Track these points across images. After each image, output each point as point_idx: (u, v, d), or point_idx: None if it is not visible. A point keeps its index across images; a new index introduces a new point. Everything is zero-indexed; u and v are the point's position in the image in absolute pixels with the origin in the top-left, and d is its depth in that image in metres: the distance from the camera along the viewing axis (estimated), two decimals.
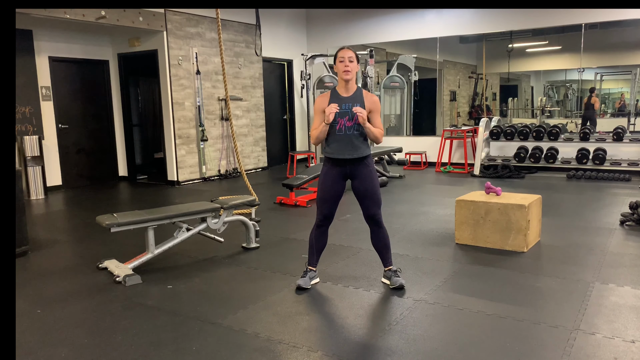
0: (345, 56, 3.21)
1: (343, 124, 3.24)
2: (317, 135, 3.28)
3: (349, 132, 3.25)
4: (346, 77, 3.22)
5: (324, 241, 3.46)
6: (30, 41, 7.23)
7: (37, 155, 7.15)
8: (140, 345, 2.71)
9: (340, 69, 3.23)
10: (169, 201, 6.86)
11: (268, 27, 9.40)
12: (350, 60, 3.21)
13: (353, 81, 3.28)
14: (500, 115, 10.00)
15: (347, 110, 3.23)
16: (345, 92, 3.28)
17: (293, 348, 2.64)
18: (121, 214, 3.86)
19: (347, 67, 3.20)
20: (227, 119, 8.76)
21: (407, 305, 3.14)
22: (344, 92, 3.28)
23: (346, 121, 3.24)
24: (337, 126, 3.25)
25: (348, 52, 3.23)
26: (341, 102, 3.24)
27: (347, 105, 3.24)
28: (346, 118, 3.24)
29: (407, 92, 10.17)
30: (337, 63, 3.25)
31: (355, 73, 3.26)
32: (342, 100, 3.25)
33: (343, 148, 3.26)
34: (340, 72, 3.24)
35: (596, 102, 8.90)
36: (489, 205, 4.22)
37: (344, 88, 3.28)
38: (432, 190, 7.26)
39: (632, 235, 4.57)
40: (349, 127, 3.24)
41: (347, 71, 3.20)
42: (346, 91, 3.28)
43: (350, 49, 3.26)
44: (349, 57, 3.21)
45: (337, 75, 3.29)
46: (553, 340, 2.65)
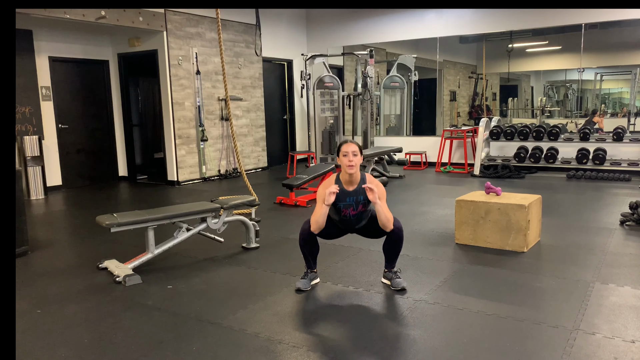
0: (349, 150, 3.24)
1: (348, 213, 3.35)
2: (316, 219, 3.25)
3: (354, 218, 3.37)
4: (350, 172, 3.26)
5: (316, 247, 3.44)
6: (30, 41, 7.23)
7: (37, 155, 7.15)
8: (140, 345, 2.71)
9: (344, 163, 3.26)
10: (169, 201, 6.86)
11: (268, 27, 9.40)
12: (354, 154, 3.24)
13: (357, 174, 3.31)
14: (500, 115, 10.00)
15: (352, 203, 3.31)
16: (349, 186, 3.31)
17: (293, 348, 2.64)
18: (121, 214, 3.86)
19: (351, 162, 3.24)
20: (227, 119, 8.76)
21: (407, 305, 3.14)
22: (348, 185, 3.31)
23: (351, 211, 3.34)
24: (342, 214, 3.35)
25: (352, 147, 3.26)
26: (345, 196, 3.30)
27: (351, 199, 3.31)
28: (350, 209, 3.33)
29: (407, 92, 10.17)
30: (340, 156, 3.28)
31: (358, 166, 3.30)
32: (347, 194, 3.30)
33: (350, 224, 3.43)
34: (344, 166, 3.27)
35: (599, 122, 8.80)
36: (489, 205, 4.22)
37: (348, 181, 3.31)
38: (432, 190, 7.26)
39: (632, 235, 4.57)
40: (354, 215, 3.36)
41: (351, 166, 3.24)
42: (350, 184, 3.31)
43: (353, 142, 3.30)
44: (352, 152, 3.24)
45: (341, 167, 3.31)
46: (553, 340, 2.65)
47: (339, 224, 3.44)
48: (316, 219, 3.25)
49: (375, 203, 3.18)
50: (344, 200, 3.30)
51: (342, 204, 3.31)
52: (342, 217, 3.36)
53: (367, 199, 3.28)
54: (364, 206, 3.35)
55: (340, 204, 3.31)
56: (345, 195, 3.29)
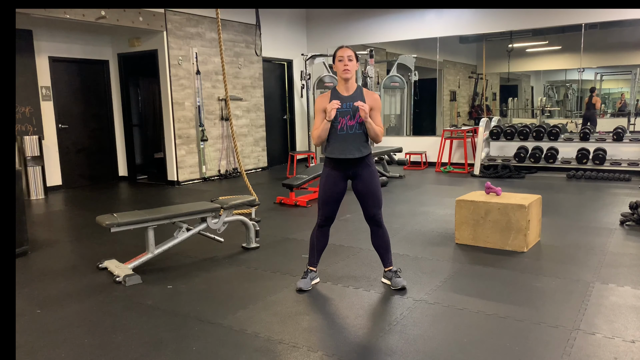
0: (344, 55, 3.19)
1: (345, 123, 3.23)
2: (318, 134, 3.24)
3: (351, 132, 3.23)
4: (346, 76, 3.20)
5: (325, 241, 3.46)
6: (30, 41, 7.23)
7: (37, 155, 7.15)
8: (140, 345, 2.71)
9: (339, 68, 3.21)
10: (169, 201, 6.86)
11: (268, 27, 9.40)
12: (350, 59, 3.19)
13: (353, 80, 3.26)
14: (500, 115, 10.00)
15: (349, 109, 3.22)
16: (345, 92, 3.26)
17: (293, 348, 2.64)
18: (121, 214, 3.86)
19: (346, 66, 3.18)
20: (227, 119, 8.76)
21: (407, 305, 3.14)
22: (344, 91, 3.26)
23: (348, 120, 3.22)
24: (339, 125, 3.23)
25: (347, 51, 3.21)
26: (342, 102, 3.22)
27: (348, 104, 3.22)
28: (347, 117, 3.22)
29: (407, 92, 10.17)
30: (336, 62, 3.23)
31: (354, 72, 3.24)
32: (343, 100, 3.23)
33: (345, 148, 3.24)
34: (339, 72, 3.22)
35: (597, 101, 8.89)
36: (489, 205, 4.22)
37: (344, 87, 3.27)
38: (432, 190, 7.26)
39: (632, 235, 4.57)
40: (351, 126, 3.23)
41: (346, 70, 3.18)
42: (346, 90, 3.26)
43: (349, 47, 3.24)
44: (347, 56, 3.19)
45: (337, 74, 3.27)
46: (553, 340, 2.65)
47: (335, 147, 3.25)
48: (318, 133, 3.23)
49: (367, 120, 3.15)
50: (341, 107, 3.22)
51: (338, 111, 3.21)
52: (339, 132, 3.23)
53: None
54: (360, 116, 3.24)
55: (337, 111, 3.21)
56: (341, 100, 3.22)
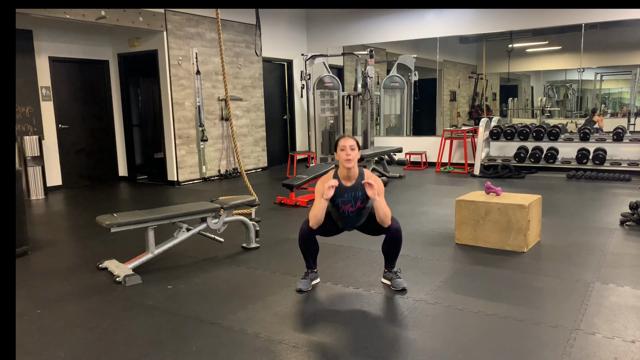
0: (347, 145, 3.23)
1: (346, 210, 3.32)
2: (315, 214, 3.22)
3: (353, 215, 3.35)
4: (348, 166, 3.24)
5: (316, 246, 3.43)
6: (30, 41, 7.23)
7: (37, 155, 7.15)
8: (140, 345, 2.71)
9: (341, 158, 3.24)
10: (169, 201, 6.86)
11: (268, 27, 9.40)
12: (352, 148, 3.23)
13: (355, 169, 3.30)
14: (500, 115, 10.00)
15: (350, 199, 3.29)
16: (347, 181, 3.29)
17: (293, 348, 2.64)
18: (121, 214, 3.86)
19: (348, 156, 3.22)
20: (227, 119, 8.76)
21: (407, 305, 3.14)
22: (346, 180, 3.30)
23: (349, 207, 3.31)
24: (340, 210, 3.33)
25: (349, 141, 3.25)
26: (343, 192, 3.28)
27: (349, 195, 3.29)
28: (349, 205, 3.31)
29: (407, 92, 10.17)
30: (338, 151, 3.27)
31: (357, 160, 3.28)
32: (345, 190, 3.28)
33: (349, 222, 3.41)
34: (342, 161, 3.25)
35: (599, 121, 8.78)
36: (489, 205, 4.22)
37: (346, 176, 3.29)
38: (432, 191, 7.26)
39: (632, 235, 4.57)
40: (353, 211, 3.33)
41: (348, 160, 3.22)
42: (348, 179, 3.30)
43: (350, 137, 3.29)
44: (350, 146, 3.23)
45: (339, 162, 3.30)
46: (553, 340, 2.65)
47: (338, 222, 3.43)
48: (315, 214, 3.23)
49: (374, 199, 3.16)
50: (342, 196, 3.28)
51: (340, 200, 3.29)
52: (341, 214, 3.35)
53: (365, 194, 3.26)
54: (362, 202, 3.33)
55: (338, 200, 3.29)
56: (343, 190, 3.28)
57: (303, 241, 3.36)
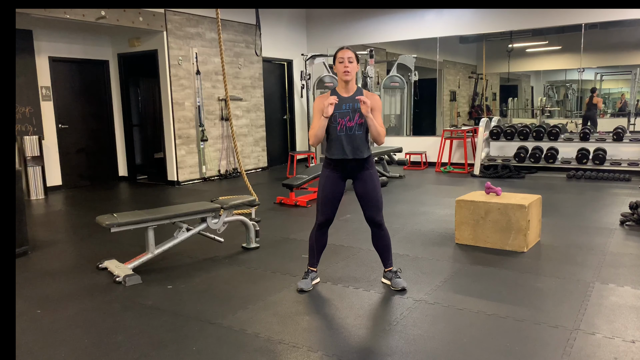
0: (345, 56, 3.18)
1: (344, 124, 3.21)
2: (315, 132, 3.21)
3: (350, 132, 3.21)
4: (346, 78, 3.19)
5: (324, 242, 3.45)
6: (30, 41, 7.23)
7: (37, 155, 7.15)
8: (140, 345, 2.71)
9: (339, 70, 3.20)
10: (169, 201, 6.86)
11: (268, 27, 9.40)
12: (350, 60, 3.18)
13: (353, 82, 3.26)
14: (500, 115, 10.00)
15: (348, 111, 3.21)
16: (345, 93, 3.25)
17: (293, 348, 2.64)
18: (121, 214, 3.86)
19: (346, 68, 3.17)
20: (227, 119, 8.76)
21: (407, 305, 3.14)
22: (344, 92, 3.25)
23: (347, 121, 3.21)
24: (338, 127, 3.22)
25: (347, 53, 3.19)
26: (342, 103, 3.22)
27: (347, 106, 3.21)
28: (347, 118, 3.21)
29: (407, 92, 10.17)
30: (336, 64, 3.22)
31: (355, 73, 3.23)
32: (343, 101, 3.22)
33: (344, 148, 3.23)
34: (339, 73, 3.21)
35: (599, 101, 8.83)
36: (489, 205, 4.22)
37: (344, 89, 3.26)
38: (432, 190, 7.26)
39: (632, 235, 4.57)
40: (350, 127, 3.21)
41: (346, 72, 3.17)
42: (346, 91, 3.25)
43: (349, 49, 3.23)
44: (348, 58, 3.18)
45: (337, 75, 3.26)
46: (553, 340, 2.65)
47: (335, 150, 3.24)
48: (315, 132, 3.20)
49: (367, 116, 3.12)
50: (340, 108, 3.21)
51: (337, 113, 3.20)
52: (339, 133, 3.22)
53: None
54: (360, 117, 3.22)
55: (336, 113, 3.20)
56: (341, 102, 3.22)
57: (315, 236, 3.39)
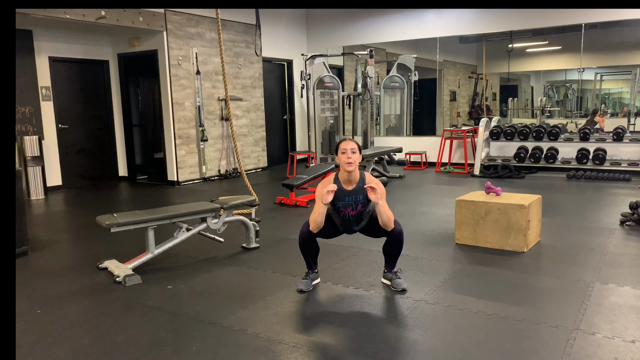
0: (348, 148, 3.21)
1: (347, 213, 3.32)
2: (314, 218, 3.21)
3: (353, 219, 3.35)
4: (349, 169, 3.22)
5: (316, 248, 3.43)
6: (30, 41, 7.23)
7: (37, 155, 7.15)
8: (140, 345, 2.71)
9: (342, 161, 3.23)
10: (169, 201, 6.86)
11: (268, 27, 9.40)
12: (353, 151, 3.22)
13: (356, 172, 3.28)
14: (500, 115, 10.00)
15: (351, 203, 3.29)
16: (348, 185, 3.28)
17: (293, 348, 2.64)
18: (121, 214, 3.86)
19: (349, 159, 3.20)
20: (227, 119, 8.76)
21: (407, 305, 3.14)
22: (347, 184, 3.28)
23: (350, 211, 3.31)
24: (341, 214, 3.33)
25: (350, 144, 3.23)
26: (344, 195, 3.27)
27: (350, 199, 3.28)
28: (350, 209, 3.30)
29: (407, 92, 10.17)
30: (339, 154, 3.25)
31: (357, 164, 3.27)
32: (346, 194, 3.27)
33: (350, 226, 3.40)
34: (342, 164, 3.24)
35: (600, 122, 8.74)
36: (489, 205, 4.22)
37: (347, 179, 3.28)
38: (432, 190, 7.26)
39: (632, 235, 4.57)
40: (353, 215, 3.33)
41: (349, 163, 3.21)
42: (349, 183, 3.28)
43: (351, 140, 3.28)
44: (351, 149, 3.21)
45: (340, 165, 3.29)
46: (553, 340, 2.65)
47: (339, 225, 3.42)
48: (314, 218, 3.22)
49: (377, 203, 3.15)
50: (343, 200, 3.27)
51: (340, 204, 3.28)
52: (342, 217, 3.34)
53: (366, 198, 3.26)
54: (363, 206, 3.32)
55: (339, 204, 3.28)
56: (344, 194, 3.27)
57: (303, 243, 3.35)
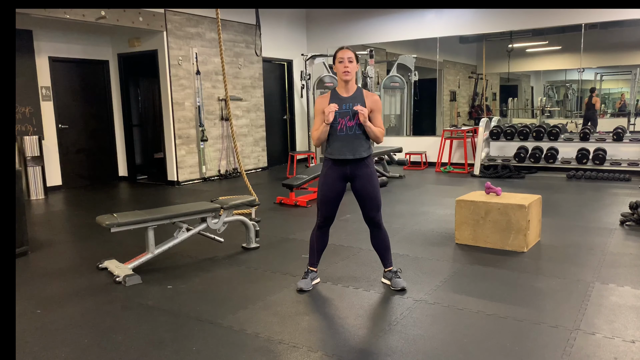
0: (345, 56, 3.18)
1: (344, 124, 3.22)
2: (317, 136, 3.25)
3: (350, 132, 3.23)
4: (346, 78, 3.20)
5: (325, 242, 3.45)
6: (30, 41, 7.23)
7: (37, 155, 7.15)
8: (140, 345, 2.71)
9: (339, 70, 3.21)
10: (169, 201, 6.86)
11: (268, 27, 9.40)
12: (350, 60, 3.18)
13: (353, 81, 3.26)
14: (500, 115, 10.00)
15: (348, 111, 3.21)
16: (345, 93, 3.26)
17: (293, 348, 2.64)
18: (121, 214, 3.86)
19: (346, 68, 3.17)
20: (227, 119, 8.76)
21: (407, 305, 3.14)
22: (344, 92, 3.26)
23: (347, 121, 3.22)
24: (338, 126, 3.23)
25: (347, 53, 3.20)
26: (341, 103, 3.22)
27: (347, 106, 3.22)
28: (347, 118, 3.22)
29: (407, 92, 10.17)
30: (336, 64, 3.23)
31: (355, 73, 3.24)
32: (343, 101, 3.23)
33: (344, 148, 3.24)
34: (339, 73, 3.21)
35: (597, 102, 8.88)
36: (489, 205, 4.22)
37: (344, 88, 3.26)
38: (432, 190, 7.26)
39: (632, 235, 4.57)
40: (350, 127, 3.22)
41: (346, 72, 3.18)
42: (346, 91, 3.26)
43: (349, 48, 3.23)
44: (348, 58, 3.18)
45: (337, 75, 3.27)
46: (553, 340, 2.65)
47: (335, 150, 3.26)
48: (317, 135, 3.25)
49: (365, 124, 3.16)
50: (340, 108, 3.22)
51: (338, 112, 3.21)
52: (339, 132, 3.23)
53: (363, 104, 3.21)
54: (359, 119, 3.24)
55: (336, 112, 3.21)
56: (341, 101, 3.23)
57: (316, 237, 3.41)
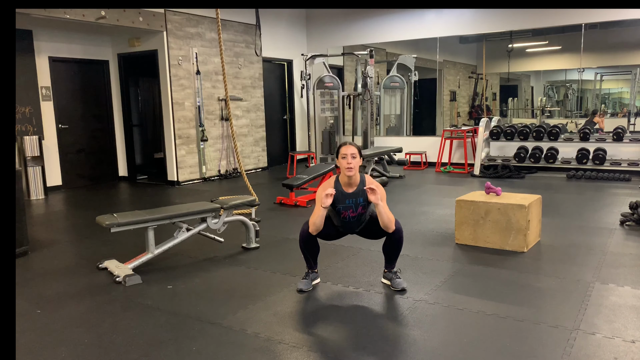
0: (348, 153, 3.24)
1: (347, 215, 3.35)
2: (314, 221, 3.24)
3: (353, 220, 3.38)
4: (349, 174, 3.25)
5: (317, 247, 3.44)
6: (30, 41, 7.23)
7: (37, 155, 7.15)
8: (140, 345, 2.71)
9: (342, 165, 3.26)
10: (169, 201, 6.86)
11: (268, 27, 9.40)
12: (353, 156, 3.24)
13: (357, 176, 3.31)
14: (500, 115, 10.00)
15: (351, 205, 3.31)
16: (349, 188, 3.31)
17: (293, 348, 2.64)
18: (121, 214, 3.86)
19: (349, 164, 3.23)
20: (227, 119, 8.76)
21: (407, 305, 3.14)
22: (347, 187, 3.31)
23: (350, 213, 3.34)
24: (342, 215, 3.36)
25: (351, 149, 3.25)
26: (345, 198, 3.30)
27: (350, 201, 3.31)
28: (350, 211, 3.33)
29: (407, 92, 10.17)
30: (339, 159, 3.28)
31: (358, 168, 3.29)
32: (346, 197, 3.30)
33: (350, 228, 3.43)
34: (343, 169, 3.27)
35: (600, 122, 8.74)
36: (489, 205, 4.22)
37: (347, 183, 3.31)
38: (432, 190, 7.26)
39: (632, 235, 4.57)
40: (354, 217, 3.36)
41: (349, 168, 3.23)
42: (350, 186, 3.31)
43: (352, 144, 3.30)
44: (351, 154, 3.24)
45: (340, 167, 3.31)
46: (553, 340, 2.65)
47: (339, 227, 3.44)
48: (314, 220, 3.24)
49: (377, 204, 3.17)
50: (343, 203, 3.30)
51: (341, 206, 3.31)
52: (342, 219, 3.36)
53: (366, 200, 3.29)
54: (363, 208, 3.35)
55: (339, 206, 3.31)
56: (344, 197, 3.30)
57: (304, 242, 3.37)
